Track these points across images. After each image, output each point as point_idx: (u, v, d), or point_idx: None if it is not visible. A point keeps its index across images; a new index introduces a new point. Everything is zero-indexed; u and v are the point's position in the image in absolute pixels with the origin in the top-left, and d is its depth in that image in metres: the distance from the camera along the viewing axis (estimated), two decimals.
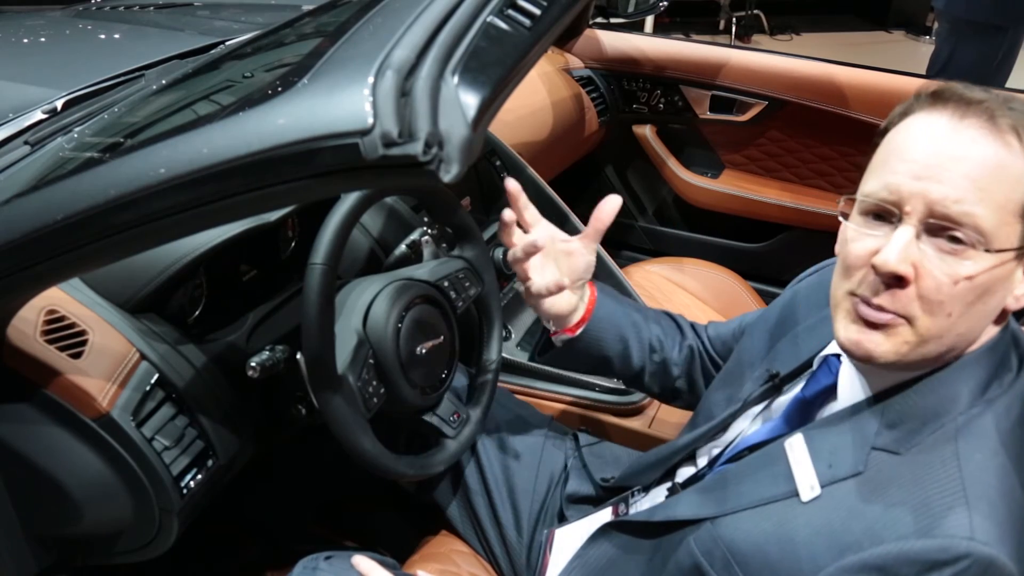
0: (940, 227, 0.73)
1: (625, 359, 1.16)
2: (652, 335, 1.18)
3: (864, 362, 0.81)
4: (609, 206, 1.03)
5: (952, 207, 0.72)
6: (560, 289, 1.04)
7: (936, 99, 0.76)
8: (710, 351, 1.21)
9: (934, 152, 0.73)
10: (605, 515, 1.14)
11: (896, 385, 0.81)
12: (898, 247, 0.73)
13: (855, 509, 0.76)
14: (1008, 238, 0.73)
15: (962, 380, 0.79)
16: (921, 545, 0.70)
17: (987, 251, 0.72)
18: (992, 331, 0.80)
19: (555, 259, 1.07)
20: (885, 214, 0.76)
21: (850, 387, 0.86)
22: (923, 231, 0.74)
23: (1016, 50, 3.49)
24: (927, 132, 0.75)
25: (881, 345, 0.77)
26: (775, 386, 0.98)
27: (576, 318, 1.11)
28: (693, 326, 1.24)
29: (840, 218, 0.81)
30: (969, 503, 0.71)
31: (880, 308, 0.76)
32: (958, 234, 0.72)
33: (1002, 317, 0.80)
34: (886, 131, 0.80)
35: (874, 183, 0.77)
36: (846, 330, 0.80)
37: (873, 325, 0.77)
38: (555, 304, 1.07)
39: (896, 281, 0.74)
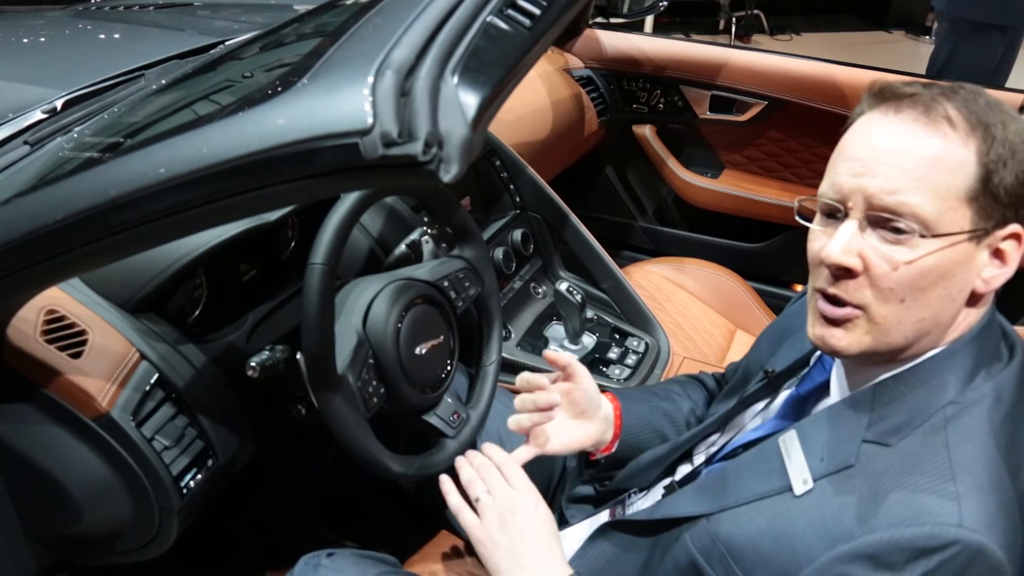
0: (882, 219, 0.76)
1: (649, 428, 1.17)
2: (685, 413, 1.19)
3: (833, 356, 0.86)
4: (553, 356, 1.06)
5: (887, 198, 0.75)
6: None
7: (876, 98, 0.81)
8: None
9: (870, 148, 0.78)
10: (604, 516, 1.14)
11: (885, 378, 0.82)
12: (841, 241, 0.78)
13: (847, 500, 0.77)
14: (955, 222, 0.75)
15: (948, 369, 0.80)
16: (911, 532, 0.70)
17: (923, 236, 0.75)
18: (972, 317, 0.81)
19: None
20: (835, 212, 0.80)
21: (842, 381, 0.88)
22: (867, 223, 0.77)
23: (1015, 49, 3.49)
24: (865, 130, 0.80)
25: (842, 340, 0.81)
26: (771, 383, 1.00)
27: (608, 438, 1.12)
28: (716, 379, 1.26)
29: (797, 217, 0.86)
30: (959, 492, 0.72)
31: (836, 301, 0.80)
32: (898, 224, 0.75)
33: (975, 300, 0.80)
34: (844, 132, 0.84)
35: (824, 184, 0.82)
36: (812, 327, 0.84)
37: (833, 321, 0.81)
38: (574, 444, 1.09)
39: (845, 273, 0.78)
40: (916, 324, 0.78)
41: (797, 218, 0.86)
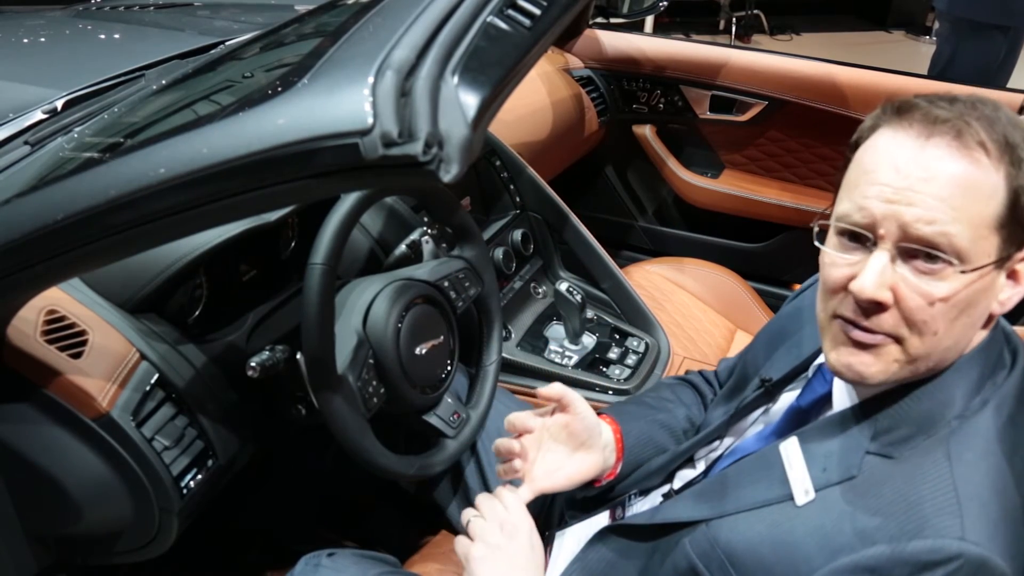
0: (915, 250, 0.73)
1: (650, 445, 1.14)
2: (681, 421, 1.16)
3: (856, 383, 0.82)
4: (547, 391, 1.01)
5: (925, 228, 0.72)
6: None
7: (901, 115, 0.76)
8: (716, 387, 1.22)
9: (904, 174, 0.73)
10: (603, 519, 1.14)
11: (890, 391, 0.81)
12: (874, 274, 0.74)
13: (848, 512, 0.76)
14: (985, 253, 0.73)
15: (955, 384, 0.79)
16: (913, 546, 0.70)
17: (964, 272, 0.72)
18: (983, 334, 0.80)
19: (554, 437, 1.03)
20: (860, 237, 0.76)
21: (845, 395, 0.86)
22: (898, 254, 0.74)
23: (1017, 50, 3.49)
24: (894, 152, 0.75)
25: (871, 367, 0.77)
26: (768, 391, 0.99)
27: (611, 463, 1.08)
28: (705, 377, 1.24)
29: (816, 242, 0.81)
30: (960, 503, 0.71)
31: (869, 330, 0.76)
32: (934, 255, 0.72)
33: (989, 322, 0.80)
34: (857, 145, 0.80)
35: (847, 205, 0.77)
36: (836, 353, 0.80)
37: (863, 346, 0.77)
38: (577, 477, 1.04)
39: (876, 306, 0.75)
40: (943, 351, 0.77)
41: (817, 243, 0.81)
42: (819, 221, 0.81)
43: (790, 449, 0.85)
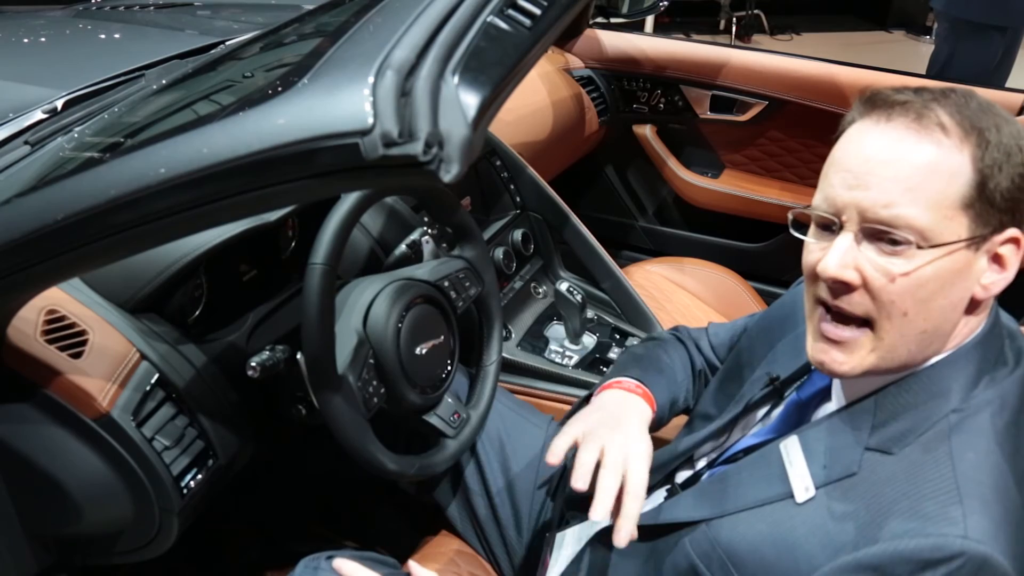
0: (877, 231, 0.75)
1: (660, 426, 1.14)
2: (683, 394, 1.16)
3: (832, 377, 0.84)
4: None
5: (882, 212, 0.74)
6: None
7: (867, 105, 0.79)
8: (713, 362, 1.21)
9: (864, 159, 0.76)
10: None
11: (887, 385, 0.81)
12: (837, 255, 0.76)
13: (849, 510, 0.76)
14: (952, 231, 0.74)
15: (951, 376, 0.79)
16: (915, 544, 0.70)
17: (920, 247, 0.74)
18: (972, 323, 0.80)
19: None
20: (830, 224, 0.79)
21: (843, 388, 0.87)
22: (863, 236, 0.76)
23: (1015, 50, 3.49)
24: (857, 140, 0.78)
25: (843, 364, 0.80)
26: (776, 390, 0.99)
27: None
28: (695, 341, 1.23)
29: (791, 229, 0.85)
30: (963, 501, 0.71)
31: (840, 318, 0.79)
32: (895, 236, 0.74)
33: (974, 307, 0.79)
34: (836, 140, 0.83)
35: (817, 196, 0.81)
36: (812, 348, 0.83)
37: (834, 342, 0.80)
38: None
39: (844, 287, 0.77)
40: (919, 336, 0.77)
41: (791, 230, 0.84)
42: (795, 212, 0.84)
43: (790, 447, 0.85)
